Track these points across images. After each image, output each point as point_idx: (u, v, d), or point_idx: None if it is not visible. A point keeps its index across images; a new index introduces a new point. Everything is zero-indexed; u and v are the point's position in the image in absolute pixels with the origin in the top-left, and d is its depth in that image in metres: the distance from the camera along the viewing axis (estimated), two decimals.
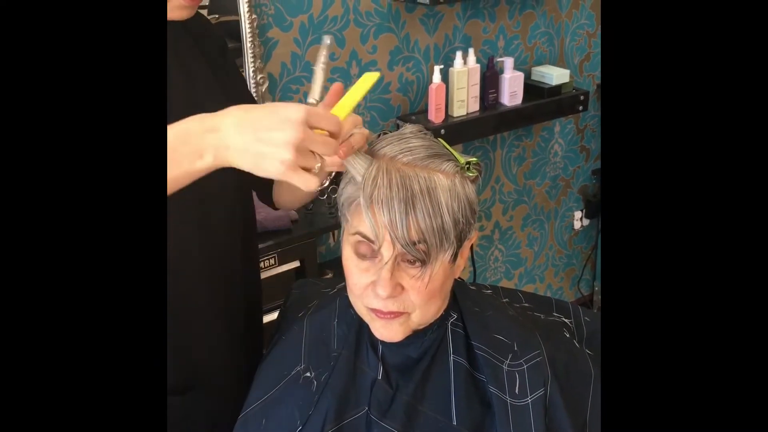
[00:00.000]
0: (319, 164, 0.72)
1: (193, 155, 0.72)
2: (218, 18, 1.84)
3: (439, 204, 0.80)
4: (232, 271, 1.03)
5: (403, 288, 0.83)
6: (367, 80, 0.82)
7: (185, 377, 0.98)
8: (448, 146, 0.86)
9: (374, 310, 0.85)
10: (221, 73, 1.01)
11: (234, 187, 0.99)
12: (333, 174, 0.86)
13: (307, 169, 0.71)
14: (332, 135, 0.73)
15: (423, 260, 0.81)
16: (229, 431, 0.94)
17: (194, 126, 0.72)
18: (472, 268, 1.19)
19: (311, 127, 0.71)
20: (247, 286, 1.08)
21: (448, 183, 0.81)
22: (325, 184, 0.85)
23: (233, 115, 0.72)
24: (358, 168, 0.81)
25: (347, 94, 0.80)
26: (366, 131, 0.83)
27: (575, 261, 2.91)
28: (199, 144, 0.72)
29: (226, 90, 1.00)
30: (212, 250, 0.98)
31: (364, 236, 0.82)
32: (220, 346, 1.02)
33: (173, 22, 0.88)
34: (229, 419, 0.96)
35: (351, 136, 0.78)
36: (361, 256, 0.83)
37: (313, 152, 0.72)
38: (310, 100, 0.77)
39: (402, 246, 0.79)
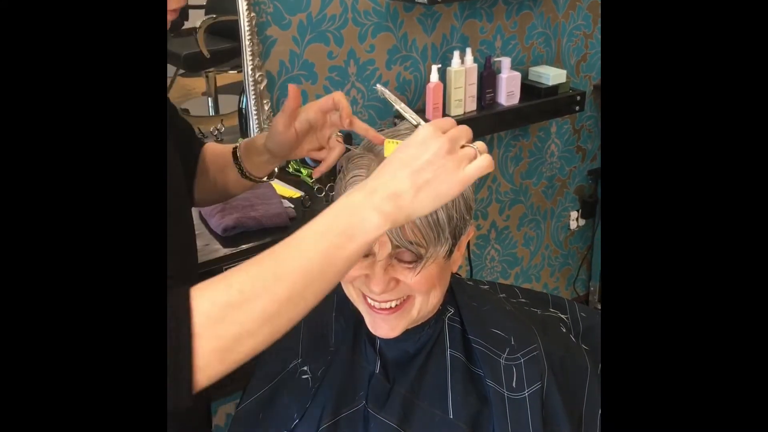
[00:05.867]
0: (477, 147, 0.70)
1: (361, 223, 0.66)
2: (215, 18, 1.85)
3: None
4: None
5: (397, 281, 0.83)
6: None
7: None
8: None
9: (368, 304, 0.86)
10: None
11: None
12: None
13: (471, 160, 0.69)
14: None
15: (417, 259, 0.82)
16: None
17: (354, 197, 0.66)
18: (468, 267, 1.20)
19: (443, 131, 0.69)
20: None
21: None
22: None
23: (382, 172, 0.67)
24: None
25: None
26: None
27: (571, 261, 2.92)
28: (362, 208, 0.66)
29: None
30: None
31: None
32: None
33: None
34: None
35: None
36: None
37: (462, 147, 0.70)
38: (417, 123, 0.76)
39: (395, 243, 0.80)
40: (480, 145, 0.71)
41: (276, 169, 1.07)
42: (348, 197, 0.67)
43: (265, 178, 1.06)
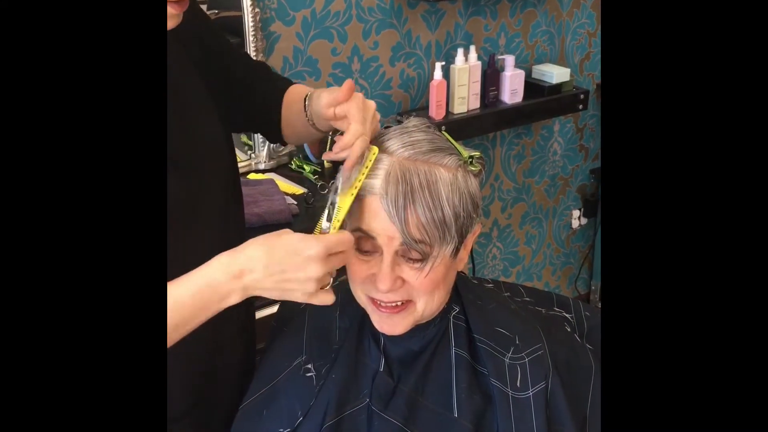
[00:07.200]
0: (332, 277, 0.78)
1: (220, 300, 0.77)
2: (218, 13, 1.84)
3: (439, 198, 0.80)
4: None
5: (404, 281, 0.83)
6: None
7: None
8: (451, 139, 0.86)
9: (375, 303, 0.85)
10: (209, 74, 0.98)
11: (226, 187, 0.99)
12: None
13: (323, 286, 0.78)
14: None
15: (423, 258, 0.81)
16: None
17: (219, 275, 0.76)
18: (470, 266, 1.20)
19: (330, 254, 0.76)
20: None
21: (449, 177, 0.81)
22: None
23: (258, 259, 0.76)
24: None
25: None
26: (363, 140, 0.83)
27: (573, 260, 2.92)
28: (226, 289, 0.76)
29: (215, 91, 0.98)
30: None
31: (364, 232, 0.82)
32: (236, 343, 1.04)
33: None
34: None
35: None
36: (363, 252, 0.83)
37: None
38: (325, 226, 0.82)
39: (402, 241, 0.79)
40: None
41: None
42: (213, 270, 0.76)
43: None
